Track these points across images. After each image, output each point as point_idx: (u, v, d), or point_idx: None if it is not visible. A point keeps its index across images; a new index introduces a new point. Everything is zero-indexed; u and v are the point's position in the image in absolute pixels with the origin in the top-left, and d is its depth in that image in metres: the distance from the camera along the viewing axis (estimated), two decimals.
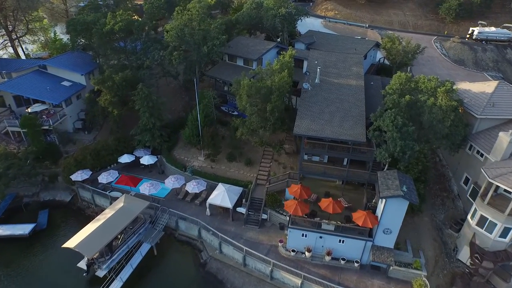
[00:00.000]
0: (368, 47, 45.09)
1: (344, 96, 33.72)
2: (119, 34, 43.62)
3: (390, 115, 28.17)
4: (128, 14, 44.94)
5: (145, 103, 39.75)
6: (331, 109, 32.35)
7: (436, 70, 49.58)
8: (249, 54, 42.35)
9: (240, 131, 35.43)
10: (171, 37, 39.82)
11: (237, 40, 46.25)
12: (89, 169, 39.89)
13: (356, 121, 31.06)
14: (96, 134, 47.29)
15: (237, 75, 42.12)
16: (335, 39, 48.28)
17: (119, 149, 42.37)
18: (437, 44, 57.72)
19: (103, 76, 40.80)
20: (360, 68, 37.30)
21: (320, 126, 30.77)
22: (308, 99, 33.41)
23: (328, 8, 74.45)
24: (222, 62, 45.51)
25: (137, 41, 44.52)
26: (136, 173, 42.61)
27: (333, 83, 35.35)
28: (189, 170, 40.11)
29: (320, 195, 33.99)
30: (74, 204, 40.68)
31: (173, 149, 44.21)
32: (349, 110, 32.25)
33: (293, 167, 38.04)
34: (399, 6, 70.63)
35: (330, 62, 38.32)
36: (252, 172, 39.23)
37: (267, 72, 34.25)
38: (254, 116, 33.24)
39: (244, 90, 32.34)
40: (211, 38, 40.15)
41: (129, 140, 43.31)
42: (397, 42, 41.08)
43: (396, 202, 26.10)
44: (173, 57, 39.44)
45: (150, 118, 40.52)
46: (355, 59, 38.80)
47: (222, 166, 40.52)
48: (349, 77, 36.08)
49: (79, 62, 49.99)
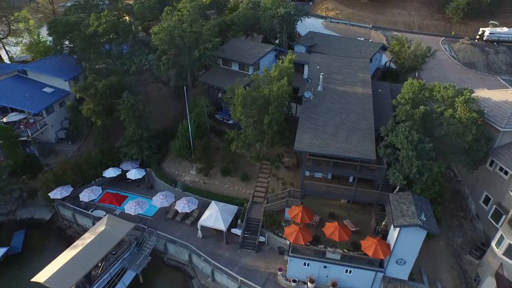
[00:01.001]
0: (374, 50, 41.68)
1: (350, 106, 30.31)
2: (103, 36, 40.11)
3: (403, 129, 24.79)
4: (114, 15, 41.47)
5: (131, 113, 36.30)
6: (336, 121, 28.94)
7: (446, 74, 46.24)
8: (245, 58, 38.91)
9: (234, 145, 32.03)
10: (159, 40, 36.34)
11: (232, 43, 42.79)
12: (70, 185, 36.45)
13: (365, 135, 27.65)
14: (81, 145, 43.85)
15: (231, 81, 38.75)
16: (337, 41, 44.87)
17: (104, 162, 38.93)
18: (445, 45, 54.31)
19: (85, 83, 37.26)
20: (367, 74, 33.90)
21: (324, 141, 27.36)
22: (310, 109, 30.00)
23: (328, 7, 70.99)
24: (216, 66, 42.05)
25: (123, 44, 40.98)
26: (122, 187, 39.25)
27: (338, 91, 31.94)
28: (179, 186, 36.68)
29: (323, 216, 30.61)
30: (54, 223, 37.20)
31: (163, 161, 40.80)
32: (356, 122, 28.84)
33: (294, 183, 34.65)
34: (403, 5, 67.21)
35: (333, 67, 34.90)
36: (248, 188, 35.83)
37: (264, 79, 30.85)
38: (250, 129, 29.86)
39: (239, 100, 28.93)
40: (203, 41, 36.70)
41: (115, 152, 39.85)
42: (406, 45, 37.65)
43: (413, 231, 22.73)
44: (161, 62, 35.95)
45: (136, 129, 37.10)
46: (361, 63, 35.39)
47: (216, 181, 37.09)
48: (355, 84, 32.67)
49: (63, 66, 46.38)
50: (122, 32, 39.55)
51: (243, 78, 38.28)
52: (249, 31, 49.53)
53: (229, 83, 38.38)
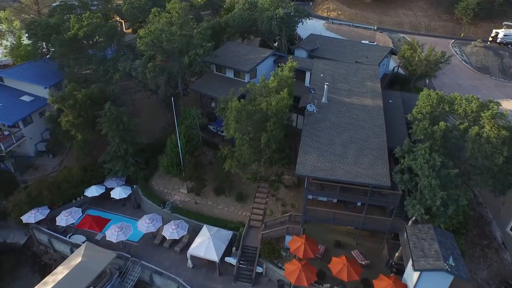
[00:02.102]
0: (382, 54, 38.17)
1: (359, 121, 26.79)
2: (85, 40, 36.41)
3: (423, 152, 21.26)
4: (97, 17, 37.80)
5: (114, 126, 32.60)
6: (344, 139, 25.40)
7: (458, 80, 42.79)
8: (241, 64, 35.33)
9: (228, 164, 28.53)
10: (144, 45, 32.73)
11: (227, 47, 39.20)
12: (46, 206, 32.82)
13: (377, 156, 24.14)
14: (63, 158, 40.11)
15: (226, 90, 35.16)
16: (341, 45, 41.34)
17: (86, 180, 35.25)
18: (456, 48, 50.83)
19: (62, 93, 33.59)
20: (377, 83, 30.39)
21: (330, 163, 23.82)
22: (314, 125, 26.45)
23: (330, 8, 67.46)
24: (209, 72, 38.47)
25: (108, 48, 37.24)
26: (107, 207, 35.61)
27: (344, 103, 28.42)
28: (168, 207, 33.07)
29: (329, 244, 27.17)
30: (29, 248, 33.57)
31: (152, 177, 37.15)
32: (366, 140, 25.32)
33: (295, 205, 31.12)
34: (408, 5, 63.76)
35: (339, 75, 31.38)
36: (244, 209, 32.25)
37: (261, 90, 27.29)
38: (245, 147, 26.33)
39: (232, 114, 25.37)
40: (193, 46, 33.08)
41: (99, 167, 36.17)
42: (418, 50, 34.08)
43: (438, 276, 19.23)
44: (147, 70, 32.31)
45: (120, 143, 33.43)
46: (369, 71, 31.87)
47: (209, 201, 33.50)
48: (363, 95, 29.15)
49: (44, 72, 42.59)
50: (105, 35, 35.81)
51: (239, 86, 34.74)
52: (245, 33, 45.93)
53: (223, 92, 34.93)
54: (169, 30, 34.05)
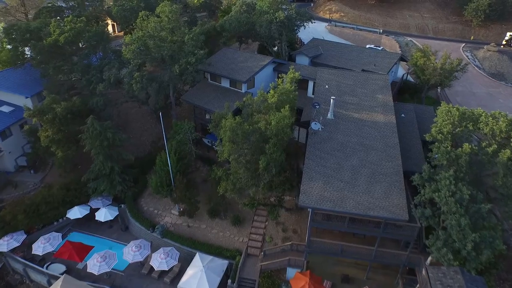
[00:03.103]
0: (391, 61, 35.09)
1: (370, 141, 23.71)
2: (67, 47, 33.25)
3: (447, 182, 18.20)
4: (81, 21, 34.63)
5: (97, 143, 29.56)
6: (353, 163, 22.33)
7: (472, 88, 39.73)
8: (237, 73, 32.22)
9: (223, 187, 25.44)
10: (131, 52, 29.62)
11: (222, 54, 36.07)
12: (22, 231, 29.80)
13: (391, 183, 21.08)
14: (46, 174, 37.04)
15: (221, 101, 32.10)
16: (347, 50, 38.24)
17: (68, 200, 32.20)
18: (467, 53, 47.76)
19: (40, 106, 30.48)
20: (388, 95, 27.31)
21: (338, 192, 20.77)
22: (319, 145, 23.37)
23: (332, 9, 64.33)
24: (203, 81, 35.35)
25: (91, 56, 34.05)
26: (92, 228, 32.59)
27: (353, 119, 25.34)
28: (158, 231, 30.02)
29: (336, 278, 24.15)
30: (2, 277, 30.42)
31: (141, 196, 34.09)
32: (378, 164, 22.25)
33: (296, 230, 28.08)
34: (414, 6, 60.66)
35: (345, 87, 28.31)
36: (241, 234, 29.19)
37: (259, 105, 24.22)
38: (242, 171, 23.26)
39: (226, 134, 22.29)
40: (185, 54, 29.99)
41: (83, 185, 33.08)
42: (433, 58, 30.98)
43: None
44: (133, 80, 29.19)
45: (105, 161, 30.38)
46: (380, 81, 28.79)
47: (202, 225, 30.44)
48: (374, 110, 26.08)
49: (26, 80, 39.46)
50: (88, 41, 32.64)
51: (235, 98, 31.69)
52: (243, 37, 42.81)
53: (218, 104, 31.90)
54: (158, 36, 31.03)
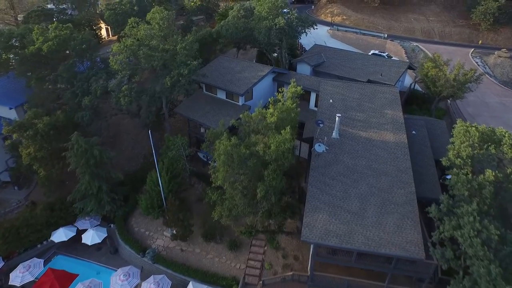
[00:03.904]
0: (399, 71, 32.88)
1: (380, 164, 21.50)
2: (51, 56, 30.97)
3: (471, 219, 15.99)
4: (67, 27, 32.32)
5: (83, 161, 27.32)
6: (361, 190, 20.12)
7: (484, 97, 37.48)
8: (234, 85, 29.98)
9: (217, 212, 23.23)
10: (118, 64, 27.38)
11: (218, 63, 33.82)
12: (0, 257, 27.61)
13: (404, 215, 18.87)
14: (31, 190, 34.79)
15: (216, 115, 29.92)
16: (351, 58, 35.99)
17: (53, 221, 29.99)
18: (477, 59, 45.51)
19: (20, 121, 28.23)
20: (398, 111, 25.09)
21: (345, 225, 18.57)
22: (323, 170, 21.15)
23: (334, 12, 62.01)
24: (198, 92, 33.10)
25: (77, 66, 31.71)
26: (78, 251, 30.35)
27: (360, 139, 23.12)
28: (149, 256, 27.80)
29: None
30: None
31: (132, 215, 31.82)
32: (389, 191, 20.04)
33: (298, 257, 25.86)
34: (419, 9, 58.34)
35: (351, 101, 26.08)
36: (238, 260, 26.95)
37: (257, 124, 21.99)
38: (237, 198, 21.06)
39: (221, 158, 20.09)
40: (177, 64, 27.75)
41: (69, 204, 30.86)
42: (445, 69, 28.70)
43: None
44: (121, 94, 26.94)
45: (92, 181, 28.15)
46: (388, 94, 26.56)
47: (197, 249, 28.22)
48: (383, 127, 23.85)
49: (10, 90, 37.11)
50: (74, 50, 30.35)
51: (232, 111, 29.59)
52: (241, 43, 40.54)
53: (213, 118, 29.71)
54: (149, 44, 28.81)
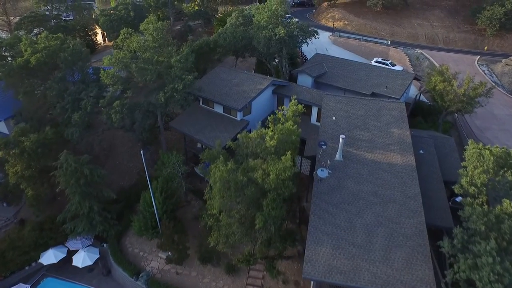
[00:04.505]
0: (405, 83, 31.46)
1: (386, 190, 20.09)
2: (40, 69, 29.55)
3: (489, 260, 14.59)
4: (58, 38, 30.92)
5: (72, 181, 25.96)
6: (367, 220, 18.72)
7: (492, 108, 35.96)
8: (231, 99, 28.56)
9: (214, 238, 21.87)
10: (110, 78, 25.99)
11: (215, 74, 32.42)
12: None
13: (414, 248, 17.47)
14: (20, 207, 33.47)
15: (214, 130, 28.56)
16: (354, 68, 34.54)
17: (41, 243, 28.63)
18: (483, 67, 44.00)
19: (6, 139, 26.83)
20: (405, 129, 23.66)
21: (350, 260, 17.16)
22: (326, 197, 19.75)
23: (335, 16, 60.55)
24: (194, 105, 31.68)
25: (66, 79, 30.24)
26: (69, 273, 29.12)
27: (365, 161, 21.71)
28: (142, 279, 26.45)
29: None
30: None
31: (126, 235, 30.52)
32: (397, 221, 18.64)
33: (299, 282, 24.44)
34: (423, 14, 56.88)
35: (356, 118, 24.66)
36: (236, 285, 25.54)
37: (256, 147, 20.59)
38: (235, 226, 19.68)
39: (216, 186, 18.72)
40: (171, 78, 26.35)
41: (60, 224, 29.49)
42: (454, 83, 27.19)
43: None
44: (112, 110, 25.53)
45: (82, 201, 26.78)
46: (395, 111, 25.14)
47: (193, 272, 26.87)
48: (389, 148, 22.43)
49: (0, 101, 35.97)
50: (64, 62, 28.90)
51: (229, 127, 28.20)
52: (239, 52, 39.10)
53: (210, 134, 28.34)
54: (142, 57, 27.41)
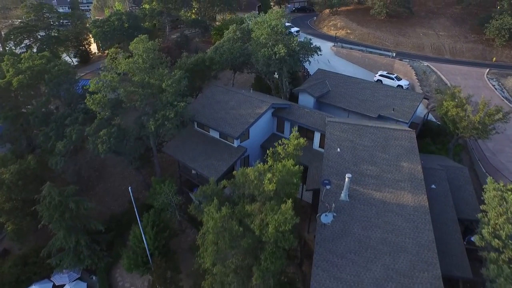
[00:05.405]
0: (413, 105, 29.47)
1: (397, 236, 18.15)
2: (23, 92, 27.66)
3: None
4: (43, 57, 29.03)
5: (56, 215, 24.07)
6: (376, 274, 16.78)
7: (506, 129, 33.69)
8: (228, 125, 26.61)
9: (208, 283, 19.91)
10: (96, 104, 24.07)
11: (211, 95, 30.49)
12: None
13: None
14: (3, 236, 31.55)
15: (209, 158, 26.65)
16: (358, 87, 32.53)
17: (24, 279, 26.74)
18: (493, 81, 41.96)
19: None
20: (416, 163, 21.71)
21: None
22: (330, 245, 17.81)
23: (337, 25, 58.56)
24: (189, 128, 29.75)
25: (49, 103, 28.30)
26: None
27: (373, 202, 19.77)
28: None
29: None
30: None
31: (117, 265, 28.70)
32: (410, 275, 16.68)
33: None
34: (428, 23, 54.87)
35: (362, 150, 22.71)
36: None
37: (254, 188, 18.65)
38: (230, 277, 17.78)
39: (210, 236, 16.84)
40: (162, 105, 24.45)
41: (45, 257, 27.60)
42: (469, 109, 25.07)
43: None
44: (99, 140, 23.62)
45: (68, 236, 24.89)
46: (404, 140, 23.19)
47: None
48: (399, 186, 20.49)
49: None
50: (49, 85, 26.98)
51: (225, 154, 26.29)
52: (237, 67, 37.16)
53: (204, 161, 26.47)
54: (131, 78, 25.55)
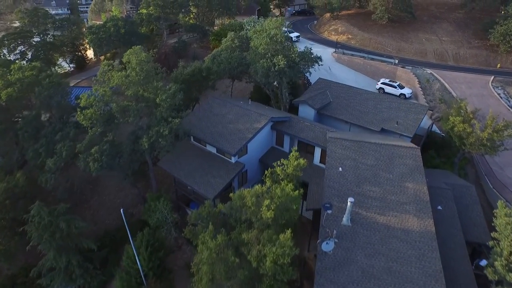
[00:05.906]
0: (418, 117, 28.43)
1: (402, 265, 17.13)
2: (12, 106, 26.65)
3: None
4: (33, 67, 27.99)
5: (46, 235, 23.10)
6: None
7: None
8: (225, 141, 25.59)
9: None
10: (88, 120, 23.06)
11: (208, 108, 29.47)
12: None
13: None
14: None
15: (205, 174, 25.66)
16: (361, 98, 31.47)
17: None
18: (498, 90, 40.84)
19: None
20: (422, 184, 20.70)
21: None
22: (331, 275, 16.78)
23: (338, 29, 57.56)
24: (185, 141, 28.73)
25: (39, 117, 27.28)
26: None
27: (376, 226, 18.76)
28: None
29: None
30: None
31: (110, 283, 27.67)
32: None
33: None
34: (431, 28, 53.85)
35: (365, 169, 21.68)
36: None
37: (251, 214, 17.64)
38: None
39: (204, 266, 15.84)
40: (156, 120, 23.45)
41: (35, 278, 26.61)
42: (477, 125, 24.01)
43: None
44: (90, 158, 22.64)
45: (58, 257, 23.91)
46: (409, 159, 22.16)
47: None
48: (404, 209, 19.46)
49: None
50: (39, 98, 25.97)
51: (222, 171, 25.32)
52: (235, 76, 36.14)
53: (201, 178, 25.52)
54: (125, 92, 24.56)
